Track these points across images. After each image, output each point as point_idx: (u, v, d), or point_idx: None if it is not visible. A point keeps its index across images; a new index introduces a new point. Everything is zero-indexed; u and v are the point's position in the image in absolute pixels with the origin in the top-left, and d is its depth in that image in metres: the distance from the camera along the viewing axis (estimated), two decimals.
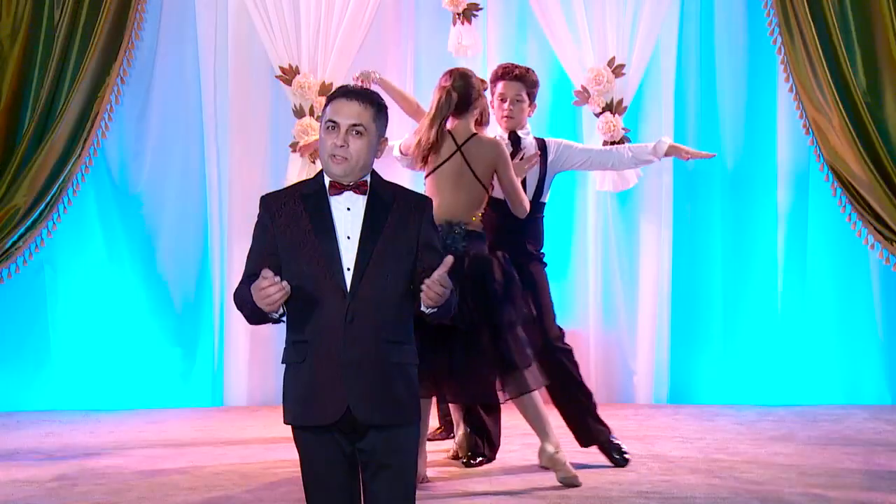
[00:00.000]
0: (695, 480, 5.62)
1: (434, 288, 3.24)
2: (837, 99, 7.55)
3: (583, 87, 7.62)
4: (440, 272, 3.25)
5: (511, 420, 6.94)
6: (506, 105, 6.13)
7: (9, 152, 7.70)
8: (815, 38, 7.57)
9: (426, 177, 5.76)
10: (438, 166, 5.66)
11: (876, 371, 8.17)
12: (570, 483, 5.52)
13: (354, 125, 3.39)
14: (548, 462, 5.66)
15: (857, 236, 7.68)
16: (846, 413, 7.65)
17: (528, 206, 5.80)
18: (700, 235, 8.29)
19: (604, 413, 6.15)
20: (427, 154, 5.67)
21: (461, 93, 5.68)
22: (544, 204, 6.25)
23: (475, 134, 5.73)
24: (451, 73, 5.78)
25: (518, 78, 6.16)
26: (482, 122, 5.88)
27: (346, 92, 3.44)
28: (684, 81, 8.25)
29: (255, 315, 3.32)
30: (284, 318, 3.35)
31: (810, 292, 8.18)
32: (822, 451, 6.34)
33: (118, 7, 7.76)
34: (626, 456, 6.01)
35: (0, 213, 7.62)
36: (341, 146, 3.38)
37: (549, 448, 5.64)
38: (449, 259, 3.28)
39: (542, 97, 8.39)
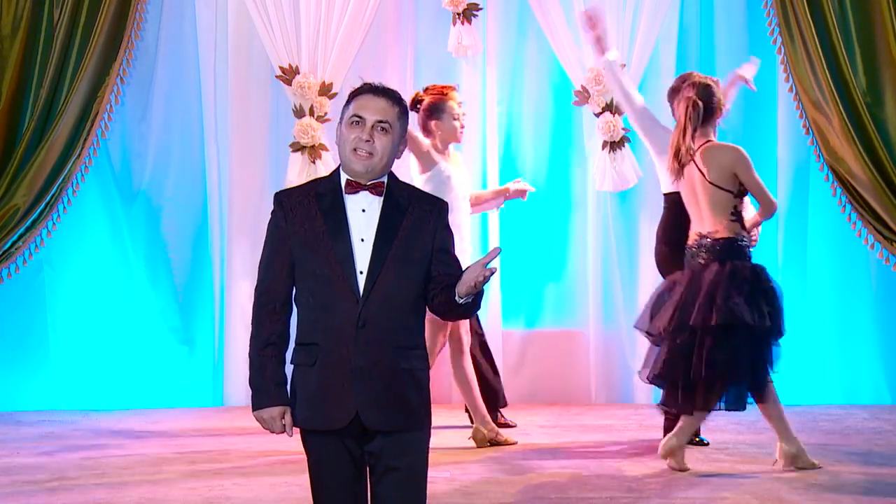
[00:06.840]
0: (695, 480, 5.62)
1: (474, 273, 3.20)
2: (837, 99, 7.54)
3: (583, 87, 7.62)
4: (482, 260, 3.22)
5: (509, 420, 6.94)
6: None
7: (8, 152, 7.70)
8: (815, 38, 7.56)
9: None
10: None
11: (875, 371, 8.15)
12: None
13: (381, 121, 3.32)
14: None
15: (857, 236, 7.68)
16: (846, 413, 7.65)
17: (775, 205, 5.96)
18: None
19: (603, 413, 6.16)
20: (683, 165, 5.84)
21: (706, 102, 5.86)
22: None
23: (709, 140, 5.90)
24: (694, 84, 5.93)
25: None
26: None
27: (373, 88, 3.37)
28: None
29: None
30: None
31: (810, 292, 8.17)
32: (822, 451, 6.33)
33: (118, 7, 7.75)
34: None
35: (0, 213, 7.62)
36: (367, 140, 3.30)
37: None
38: (495, 249, 3.29)
39: (542, 97, 8.44)
